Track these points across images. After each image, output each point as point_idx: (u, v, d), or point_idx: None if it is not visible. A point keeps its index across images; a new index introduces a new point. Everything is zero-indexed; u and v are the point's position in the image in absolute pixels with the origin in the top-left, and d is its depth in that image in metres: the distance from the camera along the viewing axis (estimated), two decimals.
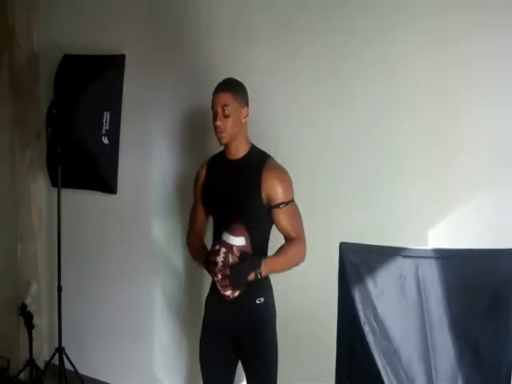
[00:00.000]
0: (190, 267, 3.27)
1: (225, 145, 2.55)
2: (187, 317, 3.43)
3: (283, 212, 2.47)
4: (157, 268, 3.60)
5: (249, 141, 2.58)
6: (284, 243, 2.49)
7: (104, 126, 3.64)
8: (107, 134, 3.65)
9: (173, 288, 3.56)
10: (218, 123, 2.47)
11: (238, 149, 2.54)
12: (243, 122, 2.52)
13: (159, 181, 3.54)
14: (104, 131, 3.64)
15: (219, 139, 2.51)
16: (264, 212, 2.48)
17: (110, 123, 3.65)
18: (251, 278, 2.35)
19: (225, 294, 2.38)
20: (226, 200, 2.53)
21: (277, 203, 2.46)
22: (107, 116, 3.64)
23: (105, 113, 3.63)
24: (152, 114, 3.56)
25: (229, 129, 2.47)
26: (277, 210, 2.47)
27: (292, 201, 2.50)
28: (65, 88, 3.69)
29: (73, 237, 3.84)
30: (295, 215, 2.51)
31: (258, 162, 2.51)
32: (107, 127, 3.64)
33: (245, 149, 2.55)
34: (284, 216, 2.48)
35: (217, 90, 2.51)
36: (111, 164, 3.71)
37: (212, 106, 2.50)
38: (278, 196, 2.46)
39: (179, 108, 3.39)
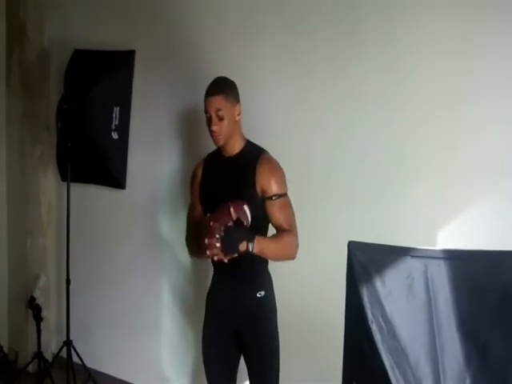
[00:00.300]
0: (197, 262, 3.28)
1: (221, 146, 2.56)
2: (194, 311, 3.44)
3: (276, 204, 2.48)
4: (164, 263, 3.62)
5: (243, 136, 2.59)
6: (276, 232, 2.50)
7: (114, 122, 3.66)
8: (117, 129, 3.67)
9: (180, 282, 3.58)
10: (214, 128, 2.47)
11: (233, 146, 2.56)
12: (237, 120, 2.53)
13: (168, 176, 3.55)
14: (114, 126, 3.66)
15: (216, 142, 2.52)
16: (261, 207, 2.49)
17: (120, 118, 3.66)
18: (243, 248, 2.30)
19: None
20: (223, 196, 2.52)
21: (270, 195, 2.47)
22: (117, 111, 3.66)
23: (114, 108, 3.65)
24: (161, 110, 3.57)
25: (224, 131, 2.48)
26: (270, 202, 2.48)
27: (285, 194, 2.51)
28: (75, 83, 3.71)
29: (81, 231, 3.87)
30: (288, 208, 2.52)
31: (253, 157, 2.52)
32: (117, 122, 3.66)
33: (240, 145, 2.57)
34: (277, 208, 2.49)
35: (208, 94, 2.49)
36: (120, 159, 3.72)
37: (205, 111, 2.50)
38: (272, 188, 2.47)
39: (189, 104, 3.39)
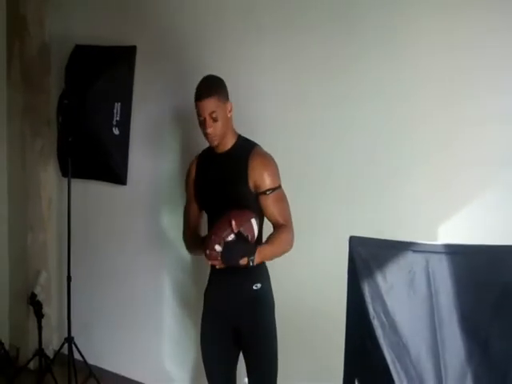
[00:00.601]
0: (198, 258, 3.27)
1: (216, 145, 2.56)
2: (195, 307, 3.41)
3: (270, 198, 2.48)
4: (165, 259, 3.61)
5: (235, 132, 2.59)
6: (273, 231, 2.49)
7: (115, 117, 3.64)
8: (118, 125, 3.66)
9: (181, 278, 3.57)
10: (209, 130, 2.47)
11: (226, 142, 2.56)
12: (229, 117, 2.53)
13: (169, 172, 3.54)
14: (115, 122, 3.65)
15: (211, 142, 2.52)
16: (254, 201, 2.49)
17: (121, 114, 3.65)
18: (243, 262, 2.33)
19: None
20: (217, 192, 2.55)
21: (264, 190, 2.47)
22: (118, 107, 3.65)
23: (116, 104, 3.64)
24: (163, 106, 3.56)
25: (219, 132, 2.48)
26: (264, 197, 2.48)
27: (279, 187, 2.50)
28: (76, 78, 3.70)
29: (82, 227, 3.86)
30: (282, 201, 2.52)
31: (245, 151, 2.52)
32: (118, 118, 3.65)
33: (232, 141, 2.56)
34: (271, 202, 2.48)
35: (200, 98, 2.46)
36: (121, 155, 3.71)
37: (198, 114, 2.48)
38: (265, 183, 2.47)
39: (190, 99, 3.35)
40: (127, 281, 3.78)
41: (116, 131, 3.66)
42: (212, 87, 2.49)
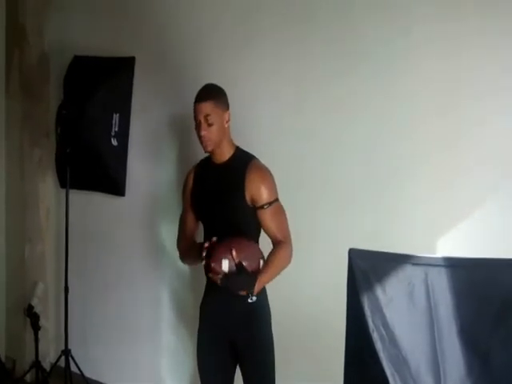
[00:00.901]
0: (196, 269, 3.26)
1: (210, 151, 2.56)
2: (192, 319, 3.39)
3: (268, 212, 2.48)
4: (163, 270, 3.60)
5: (233, 144, 2.59)
6: (271, 251, 2.47)
7: (113, 128, 3.65)
8: (116, 136, 3.66)
9: (178, 290, 3.56)
10: (203, 133, 2.48)
11: (223, 153, 2.56)
12: (226, 127, 2.54)
13: (167, 183, 3.54)
14: (113, 133, 3.65)
15: (204, 147, 2.53)
16: (250, 214, 2.49)
17: (120, 125, 3.65)
18: (243, 293, 2.36)
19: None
20: (213, 203, 2.55)
21: (261, 204, 2.47)
22: (116, 118, 3.65)
23: (114, 114, 3.65)
24: (161, 117, 3.56)
25: (213, 137, 2.49)
26: (261, 211, 2.48)
27: (276, 200, 2.51)
28: (74, 89, 3.71)
29: (80, 238, 3.85)
30: (280, 214, 2.52)
31: (242, 164, 2.52)
32: (116, 129, 3.65)
33: (229, 152, 2.57)
34: (269, 216, 2.48)
35: (197, 100, 2.51)
36: (120, 166, 3.71)
37: (194, 117, 2.51)
38: (262, 197, 2.47)
39: (189, 110, 3.36)
40: (125, 292, 3.76)
41: (114, 142, 3.66)
42: (211, 92, 2.52)
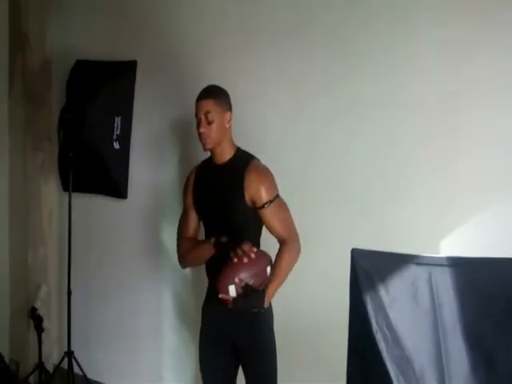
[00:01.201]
0: (198, 271, 3.26)
1: (210, 150, 2.57)
2: (194, 321, 3.39)
3: (269, 210, 2.48)
4: (165, 273, 3.60)
5: (234, 144, 2.60)
6: (277, 255, 2.45)
7: (115, 131, 3.65)
8: (118, 139, 3.67)
9: (181, 292, 3.56)
10: (202, 130, 2.49)
11: (223, 153, 2.56)
12: (227, 127, 2.54)
13: (169, 186, 3.54)
14: (115, 136, 3.65)
15: (203, 145, 2.53)
16: (250, 214, 2.49)
17: (121, 128, 3.66)
18: (254, 311, 2.37)
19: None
20: (213, 204, 2.55)
21: (261, 204, 2.47)
22: (118, 121, 3.66)
23: (116, 118, 3.65)
24: (163, 120, 3.57)
25: (213, 135, 2.49)
26: (263, 211, 2.48)
27: (276, 197, 2.50)
28: (77, 93, 3.72)
29: (83, 241, 3.85)
30: (282, 210, 2.51)
31: (242, 164, 2.53)
32: (118, 132, 3.66)
33: (230, 153, 2.57)
34: (271, 215, 2.48)
35: (199, 98, 2.53)
36: (122, 169, 3.72)
37: (195, 114, 2.53)
38: (262, 197, 2.47)
39: (190, 113, 3.36)
40: (127, 295, 3.76)
41: (116, 145, 3.67)
42: (212, 91, 2.55)
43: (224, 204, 2.52)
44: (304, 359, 2.95)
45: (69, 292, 3.64)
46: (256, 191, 2.47)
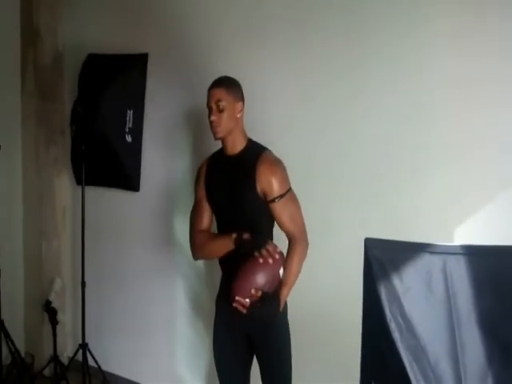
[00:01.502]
0: (212, 263, 3.26)
1: (221, 140, 2.56)
2: (208, 312, 3.41)
3: (279, 205, 2.47)
4: (178, 265, 3.61)
5: (246, 135, 2.58)
6: (287, 257, 2.43)
7: (127, 124, 3.67)
8: (130, 132, 3.68)
9: (194, 284, 3.57)
10: (213, 118, 2.48)
11: (235, 144, 2.55)
12: (238, 117, 2.53)
13: (181, 178, 3.55)
14: (127, 129, 3.67)
15: (214, 134, 2.52)
16: (262, 205, 2.48)
17: (133, 121, 3.67)
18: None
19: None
20: (225, 196, 2.54)
21: (273, 197, 2.46)
22: (130, 114, 3.67)
23: (128, 111, 3.66)
24: (175, 112, 3.57)
25: (223, 123, 2.48)
26: (273, 204, 2.47)
27: (288, 191, 2.49)
28: (89, 87, 3.73)
29: (96, 233, 3.87)
30: (292, 204, 2.50)
31: (254, 156, 2.51)
32: (130, 125, 3.67)
33: (241, 144, 2.56)
34: (281, 209, 2.47)
35: (211, 87, 2.54)
36: (134, 162, 3.73)
37: (207, 103, 2.52)
38: (273, 190, 2.46)
39: (202, 105, 3.37)
40: (141, 287, 3.78)
41: (129, 138, 3.68)
42: (224, 81, 2.55)
43: (236, 195, 2.51)
44: (317, 351, 2.95)
45: (82, 284, 3.66)
46: (267, 183, 2.45)
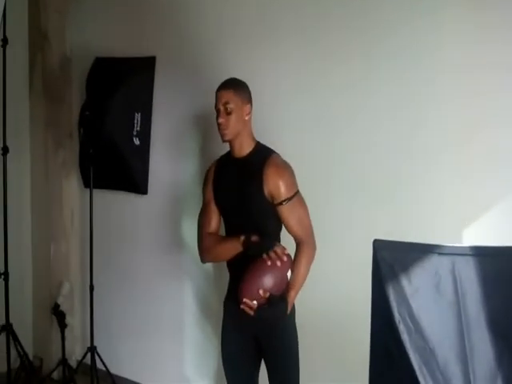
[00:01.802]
0: (220, 266, 3.26)
1: (229, 142, 2.55)
2: (217, 315, 3.40)
3: (287, 208, 2.47)
4: (187, 267, 3.61)
5: (253, 138, 2.58)
6: (295, 260, 2.43)
7: (135, 127, 3.68)
8: (138, 135, 3.69)
9: (203, 287, 3.57)
10: (221, 120, 2.48)
11: (242, 146, 2.54)
12: (246, 120, 2.53)
13: (189, 181, 3.55)
14: (135, 132, 3.68)
15: (222, 136, 2.52)
16: (270, 208, 2.48)
17: (141, 124, 3.68)
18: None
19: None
20: (233, 198, 2.54)
21: (280, 200, 2.46)
22: (138, 117, 3.68)
23: (136, 114, 3.67)
24: (182, 115, 3.58)
25: (231, 126, 2.48)
26: (281, 207, 2.47)
27: (296, 194, 2.48)
28: (97, 90, 3.75)
29: (104, 237, 3.88)
30: (299, 208, 2.50)
31: (261, 159, 2.51)
32: (138, 128, 3.68)
33: (249, 146, 2.55)
34: (289, 212, 2.47)
35: (218, 89, 2.53)
36: (142, 165, 3.74)
37: (215, 105, 2.52)
38: (281, 193, 2.45)
39: (209, 108, 3.37)
40: (149, 289, 3.78)
41: (136, 141, 3.69)
42: (232, 83, 2.55)
43: (243, 198, 2.51)
44: (325, 351, 2.95)
45: (91, 288, 3.67)
46: (275, 186, 2.45)
